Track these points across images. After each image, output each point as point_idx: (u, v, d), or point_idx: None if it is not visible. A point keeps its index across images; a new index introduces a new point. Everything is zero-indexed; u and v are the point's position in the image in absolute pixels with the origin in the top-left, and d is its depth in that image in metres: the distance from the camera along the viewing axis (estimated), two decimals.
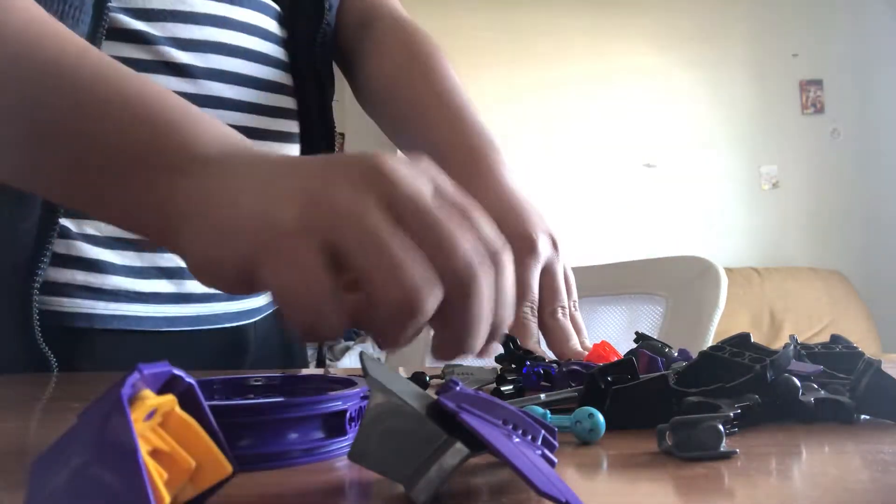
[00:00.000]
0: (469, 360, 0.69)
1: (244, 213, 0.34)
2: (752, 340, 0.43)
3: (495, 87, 3.70)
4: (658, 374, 0.41)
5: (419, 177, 0.35)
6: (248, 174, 0.37)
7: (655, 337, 0.55)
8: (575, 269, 0.67)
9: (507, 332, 0.38)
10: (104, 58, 0.45)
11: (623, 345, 0.56)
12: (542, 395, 0.42)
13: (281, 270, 0.33)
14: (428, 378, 0.53)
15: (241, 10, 0.74)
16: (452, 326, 0.34)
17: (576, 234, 3.58)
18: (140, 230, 0.41)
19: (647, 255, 1.08)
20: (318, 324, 0.33)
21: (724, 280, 0.90)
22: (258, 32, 0.75)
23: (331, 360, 3.33)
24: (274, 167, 0.37)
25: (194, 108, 0.42)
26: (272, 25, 0.77)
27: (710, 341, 0.86)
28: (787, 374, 0.40)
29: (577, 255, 0.67)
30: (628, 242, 3.63)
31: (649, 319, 0.94)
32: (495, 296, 0.35)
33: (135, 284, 0.69)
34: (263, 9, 0.76)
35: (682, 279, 0.93)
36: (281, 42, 0.78)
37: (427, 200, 0.34)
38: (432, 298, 0.32)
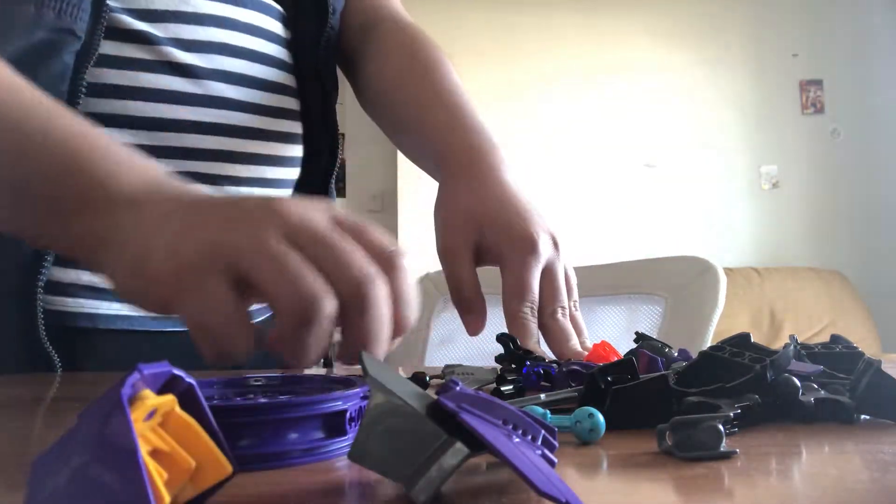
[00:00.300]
0: (468, 360, 0.68)
1: (156, 256, 0.38)
2: (752, 340, 0.43)
3: (494, 87, 3.70)
4: (658, 374, 0.41)
5: (314, 211, 0.39)
6: (162, 217, 0.41)
7: (655, 337, 0.55)
8: (575, 269, 0.67)
9: (405, 332, 0.41)
10: (36, 98, 0.48)
11: (623, 345, 0.56)
12: (542, 395, 0.42)
13: (191, 300, 0.37)
14: (428, 378, 0.53)
15: (244, 11, 0.74)
16: (356, 333, 0.37)
17: (575, 234, 3.58)
18: (81, 261, 0.46)
19: (647, 255, 1.08)
20: (227, 346, 0.36)
21: (724, 280, 0.90)
22: (261, 33, 0.75)
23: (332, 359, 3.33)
24: (185, 211, 0.41)
25: (119, 148, 0.46)
26: (275, 27, 0.77)
27: (710, 341, 0.86)
28: (787, 374, 0.40)
29: (576, 255, 0.67)
30: (628, 242, 3.63)
31: (649, 319, 0.94)
32: (394, 298, 0.38)
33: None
34: (267, 10, 0.76)
35: (681, 279, 0.93)
36: (284, 43, 0.78)
37: (321, 227, 0.38)
38: (328, 305, 0.36)
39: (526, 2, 3.83)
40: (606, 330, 0.97)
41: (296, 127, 0.80)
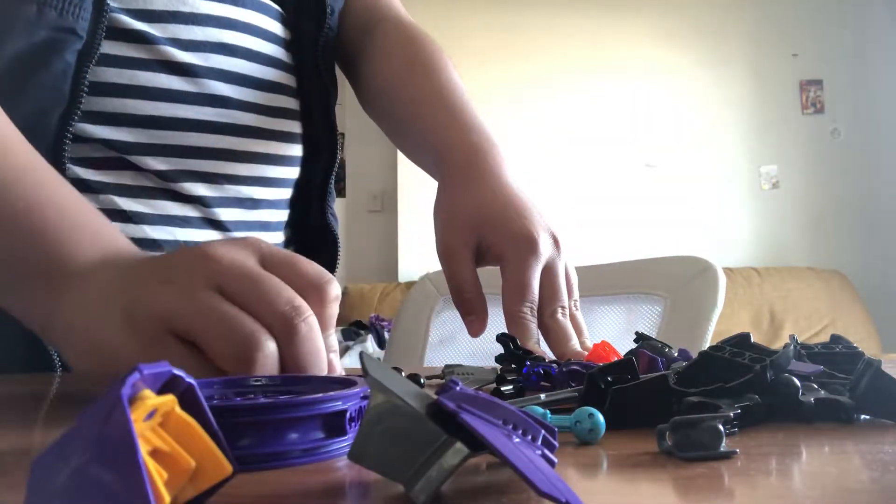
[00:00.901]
0: (468, 360, 0.68)
1: (109, 332, 0.41)
2: (752, 340, 0.43)
3: (494, 87, 3.70)
4: (658, 373, 0.41)
5: (242, 249, 0.41)
6: (106, 291, 0.42)
7: (654, 337, 0.55)
8: (575, 269, 0.67)
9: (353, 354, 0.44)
10: (29, 164, 0.50)
11: (623, 345, 0.56)
12: (542, 395, 0.42)
13: None
14: (423, 380, 0.53)
15: (242, 11, 0.74)
16: (291, 366, 0.39)
17: (576, 234, 3.58)
18: (38, 333, 0.48)
19: (646, 255, 1.08)
20: None
21: (723, 280, 0.90)
22: (260, 33, 0.75)
23: None
24: (127, 281, 0.42)
25: (92, 218, 0.48)
26: (274, 26, 0.77)
27: (709, 341, 0.86)
28: (787, 374, 0.40)
29: (576, 255, 0.67)
30: (628, 242, 3.63)
31: (648, 319, 0.94)
32: (324, 328, 0.40)
33: None
34: (265, 10, 0.76)
35: (680, 279, 0.93)
36: (283, 43, 0.78)
37: (247, 267, 0.40)
38: (266, 346, 0.38)
39: (526, 2, 3.83)
40: (606, 330, 0.97)
41: (295, 126, 0.80)
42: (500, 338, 0.56)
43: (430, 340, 1.09)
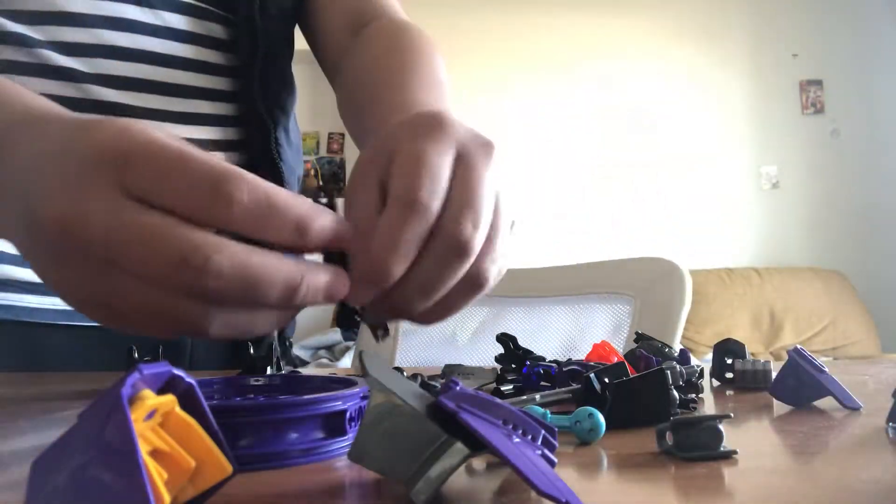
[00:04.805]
0: (469, 360, 0.68)
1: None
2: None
3: (492, 86, 3.71)
4: (655, 369, 0.41)
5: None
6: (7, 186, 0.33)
7: (625, 335, 0.55)
8: (554, 269, 0.66)
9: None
10: None
11: (595, 342, 0.56)
12: (538, 396, 0.42)
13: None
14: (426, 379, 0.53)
15: (141, 10, 0.67)
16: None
17: (576, 234, 3.58)
18: None
19: (647, 254, 1.09)
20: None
21: (689, 280, 0.91)
22: (164, 34, 0.69)
23: (330, 360, 3.33)
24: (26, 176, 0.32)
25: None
26: (180, 22, 0.70)
27: (679, 337, 0.87)
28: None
29: (577, 254, 0.67)
30: (629, 242, 3.63)
31: (618, 318, 0.95)
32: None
33: (25, 274, 0.65)
34: (176, 6, 0.69)
35: (647, 280, 0.94)
36: (199, 41, 0.71)
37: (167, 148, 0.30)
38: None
39: (526, 3, 3.83)
40: (590, 328, 0.97)
41: (206, 132, 0.72)
42: (500, 338, 0.56)
43: (399, 339, 1.08)
